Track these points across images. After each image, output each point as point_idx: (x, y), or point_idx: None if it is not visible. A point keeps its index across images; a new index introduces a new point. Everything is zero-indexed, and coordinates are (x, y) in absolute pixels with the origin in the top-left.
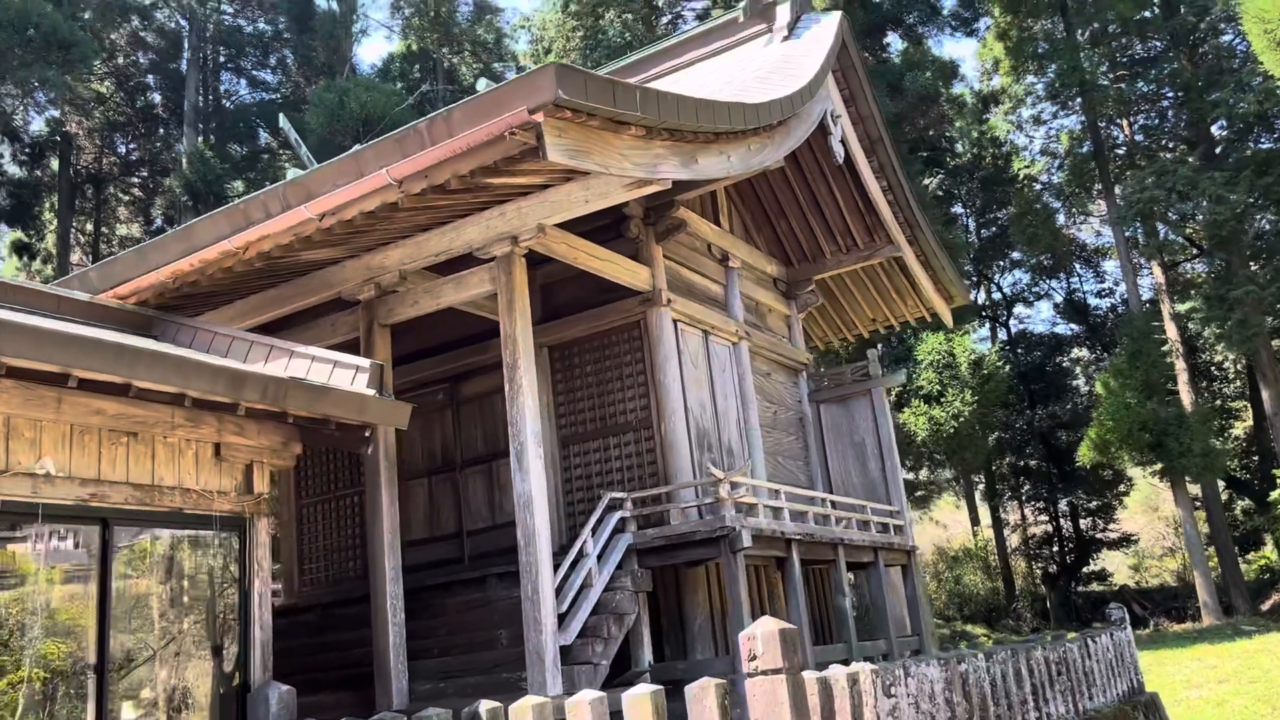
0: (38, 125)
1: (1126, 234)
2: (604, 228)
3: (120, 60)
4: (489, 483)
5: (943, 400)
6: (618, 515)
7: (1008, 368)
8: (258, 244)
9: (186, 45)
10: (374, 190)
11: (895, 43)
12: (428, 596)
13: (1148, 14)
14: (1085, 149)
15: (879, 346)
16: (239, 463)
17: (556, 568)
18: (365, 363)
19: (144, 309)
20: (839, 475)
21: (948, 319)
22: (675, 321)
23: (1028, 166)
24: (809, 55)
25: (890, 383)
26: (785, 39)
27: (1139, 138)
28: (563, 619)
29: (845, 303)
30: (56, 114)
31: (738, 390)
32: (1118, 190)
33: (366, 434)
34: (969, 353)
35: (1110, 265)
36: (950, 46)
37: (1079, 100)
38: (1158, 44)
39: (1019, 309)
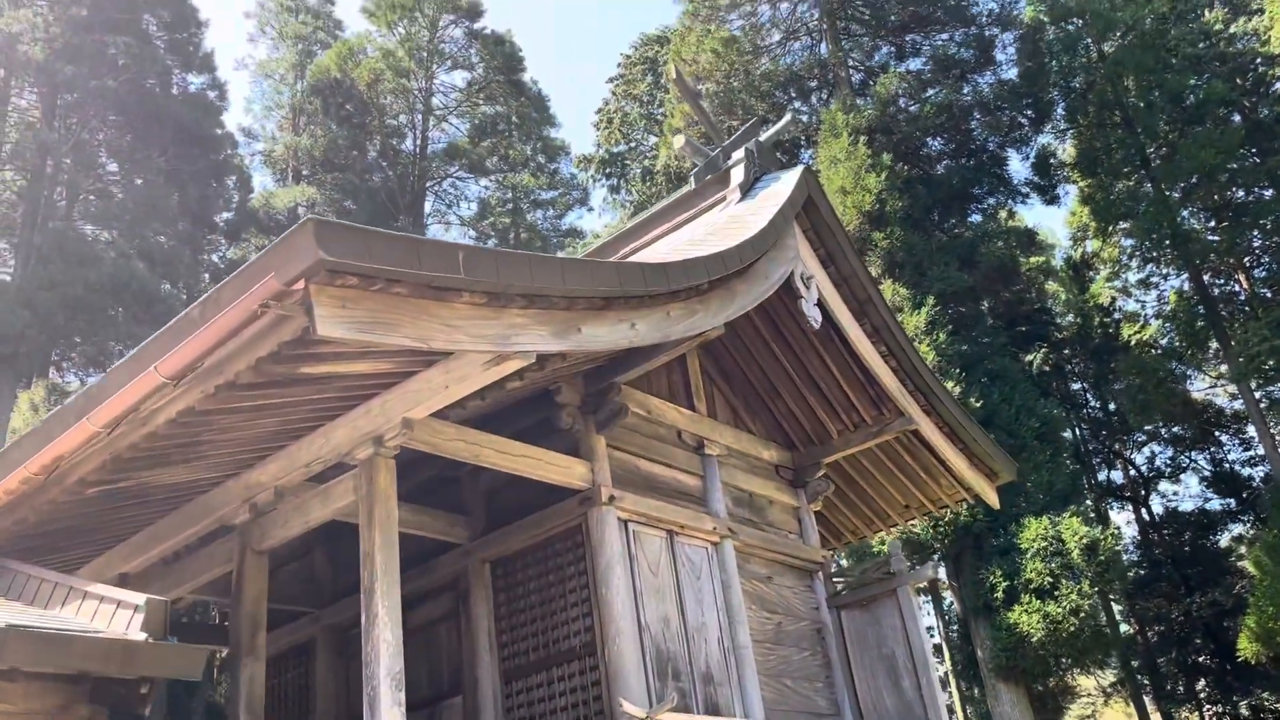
0: None
1: (1256, 394)
2: (542, 420)
3: None
4: None
5: (1056, 594)
6: None
7: (1131, 552)
8: (57, 467)
9: None
10: (149, 392)
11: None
12: None
13: (1240, 162)
14: (1197, 307)
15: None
16: None
17: None
18: (141, 599)
19: None
20: (868, 698)
21: (991, 499)
22: (625, 522)
23: (1138, 332)
24: (758, 213)
25: (918, 579)
26: (740, 200)
27: (1264, 291)
28: None
29: (870, 488)
30: None
31: (720, 601)
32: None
33: (144, 690)
34: (1080, 537)
35: (1254, 430)
36: (1041, 213)
37: (1179, 258)
38: (1265, 191)
39: (1164, 486)
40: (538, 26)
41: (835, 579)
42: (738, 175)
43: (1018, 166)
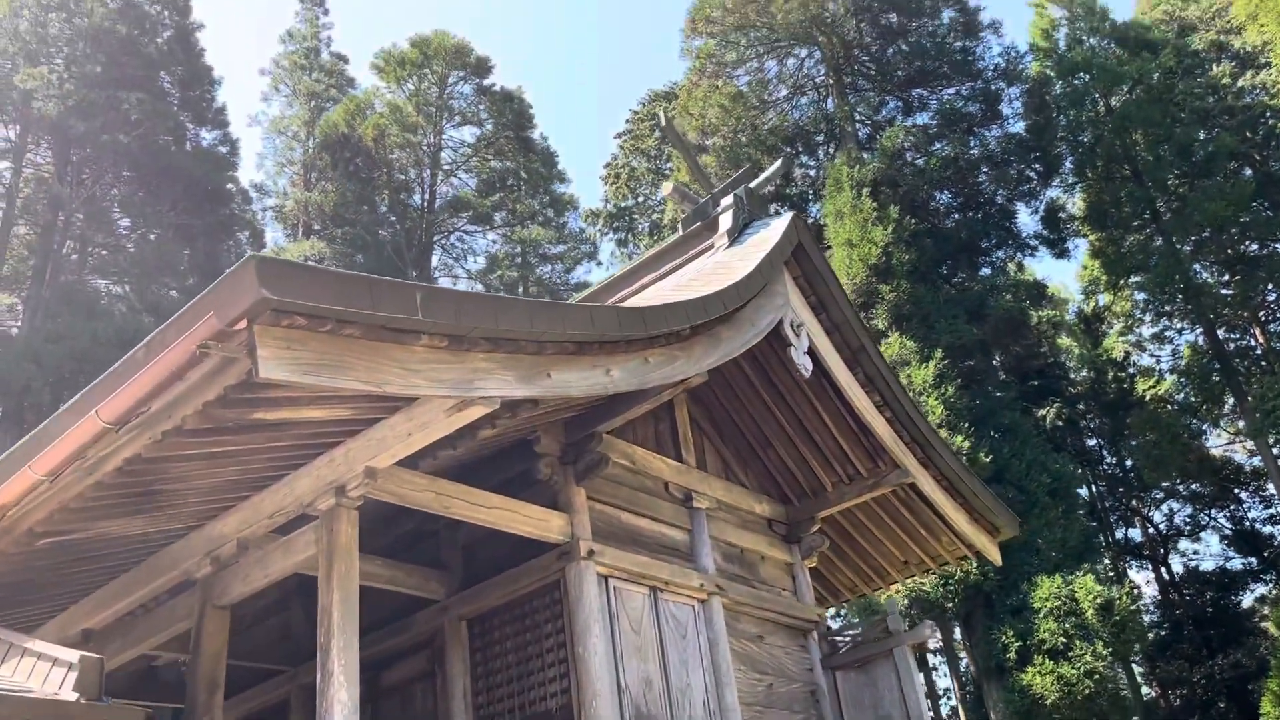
0: None
1: (1274, 450)
2: (523, 471)
3: None
4: None
5: (1070, 655)
6: None
7: (1152, 612)
8: (3, 517)
9: None
10: (91, 438)
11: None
12: None
13: (1251, 215)
14: (1212, 362)
15: (948, 596)
16: None
17: None
18: (75, 657)
19: None
20: None
21: (994, 556)
22: (605, 578)
23: (1153, 386)
24: (746, 259)
25: (915, 639)
26: (728, 246)
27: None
28: None
29: (867, 544)
30: None
31: (707, 661)
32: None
33: None
34: (1094, 596)
35: (1273, 487)
36: (1052, 266)
37: (1192, 311)
38: (1279, 244)
39: (1184, 544)
40: (548, 81)
41: (835, 636)
42: (726, 222)
43: (1027, 219)
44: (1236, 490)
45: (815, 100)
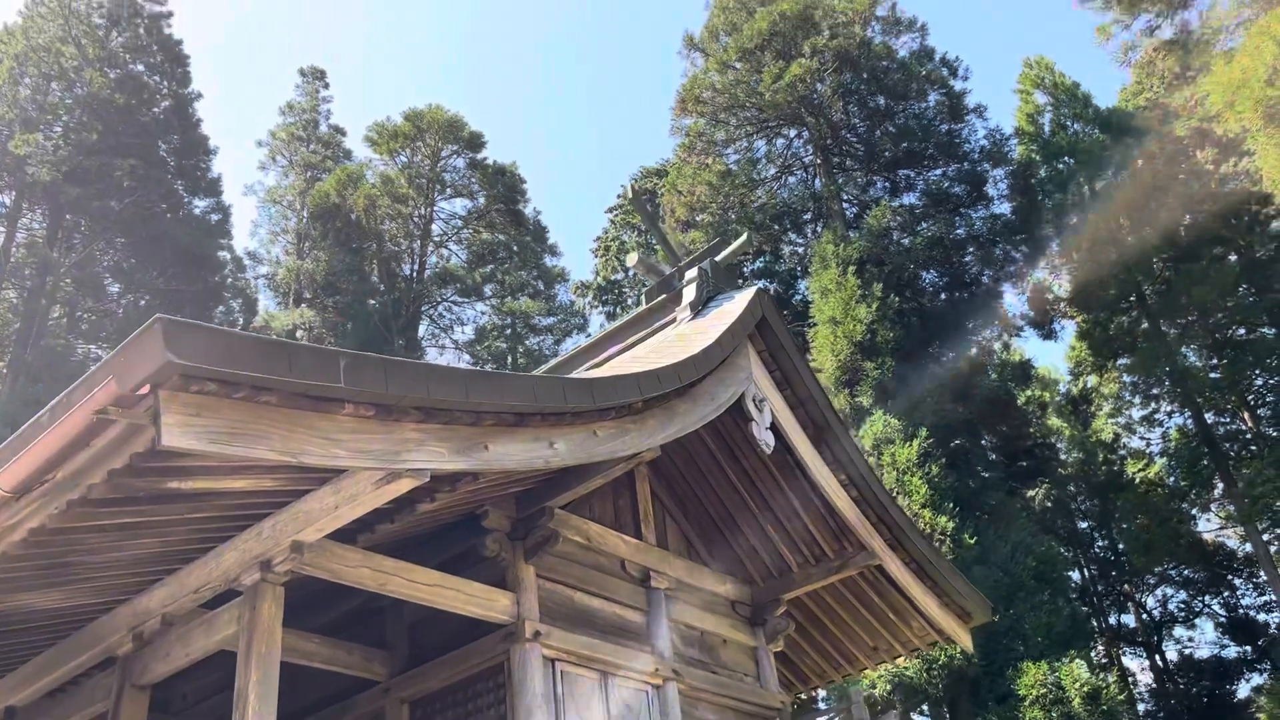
0: None
1: (1264, 536)
2: (471, 547)
3: None
4: None
5: None
6: None
7: (1147, 700)
8: None
9: None
10: None
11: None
12: None
13: (1237, 299)
14: (1200, 446)
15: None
16: None
17: None
18: None
19: None
20: None
21: (965, 642)
22: (552, 660)
23: (1143, 469)
24: (706, 331)
25: None
26: (691, 319)
27: (1270, 430)
28: None
29: (835, 628)
30: None
31: None
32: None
33: None
34: (1081, 684)
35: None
36: (1039, 345)
37: (1180, 394)
38: (1267, 329)
39: (1178, 631)
40: (543, 156)
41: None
42: (689, 294)
43: (1013, 300)
44: (1230, 576)
45: (803, 179)
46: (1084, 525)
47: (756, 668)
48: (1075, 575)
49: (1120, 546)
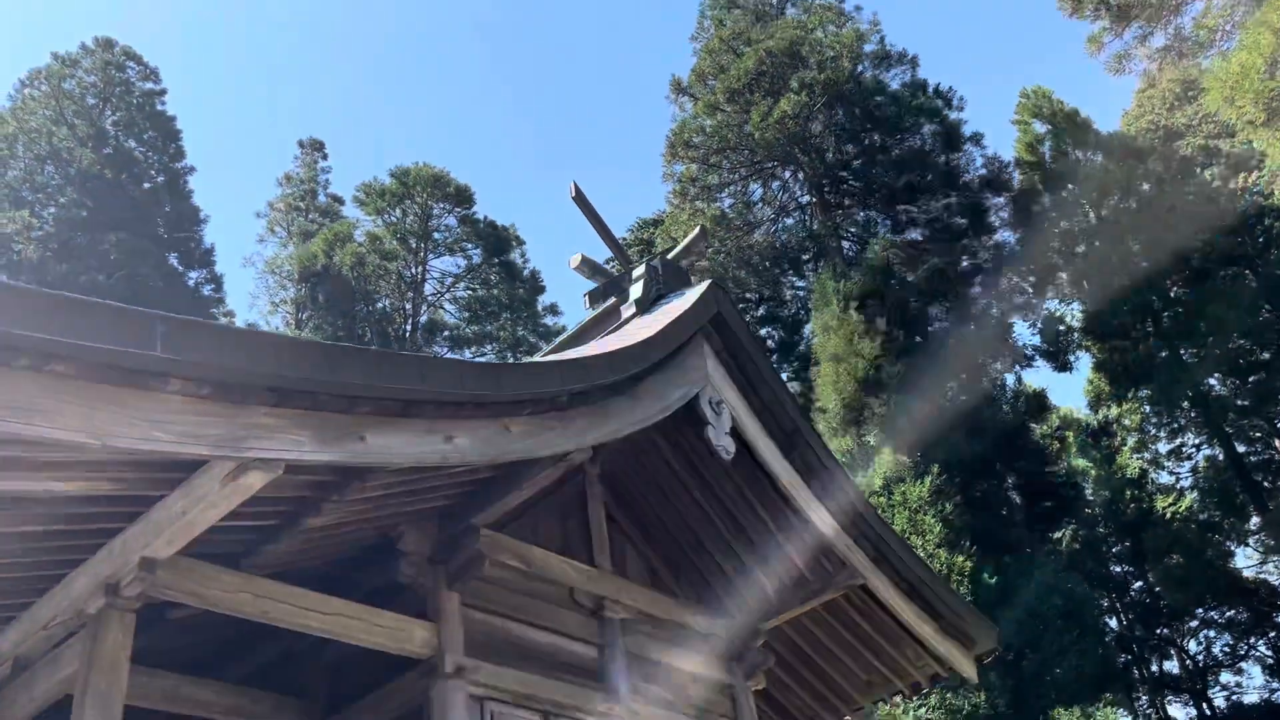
0: None
1: None
2: (392, 577)
3: None
4: None
5: None
6: None
7: None
8: None
9: None
10: None
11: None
12: None
13: (1255, 318)
14: (1232, 477)
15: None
16: None
17: None
18: None
19: None
20: None
21: (968, 671)
22: (481, 700)
23: (1173, 504)
24: (650, 327)
25: None
26: (637, 316)
27: None
28: None
29: (823, 661)
30: None
31: None
32: None
33: None
34: None
35: None
36: (1054, 377)
37: (1205, 423)
38: None
39: (1225, 676)
40: (539, 216)
41: None
42: (636, 292)
43: (1023, 330)
44: (1275, 615)
45: (801, 220)
46: (1117, 569)
47: (733, 708)
48: (1112, 622)
49: (1157, 590)
